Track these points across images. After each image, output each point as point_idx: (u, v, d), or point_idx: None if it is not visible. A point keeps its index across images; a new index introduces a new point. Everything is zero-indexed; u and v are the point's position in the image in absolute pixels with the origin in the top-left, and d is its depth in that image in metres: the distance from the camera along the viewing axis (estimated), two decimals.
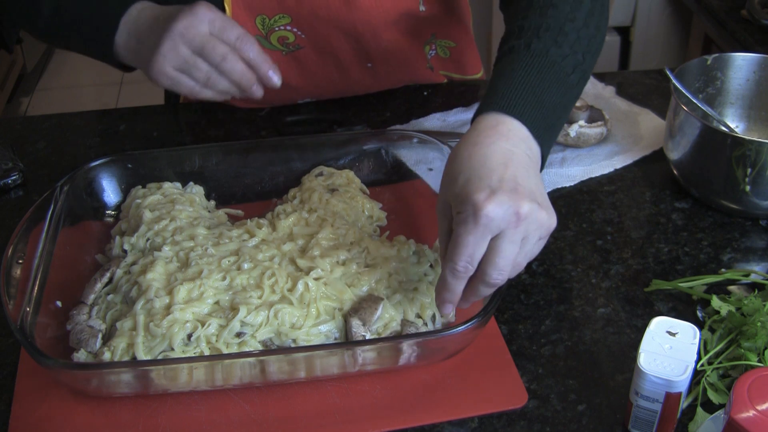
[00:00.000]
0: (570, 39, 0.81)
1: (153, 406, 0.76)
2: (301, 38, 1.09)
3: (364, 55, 1.14)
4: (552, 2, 0.83)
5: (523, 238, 0.70)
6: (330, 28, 1.08)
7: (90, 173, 0.94)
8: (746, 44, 1.85)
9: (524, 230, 0.70)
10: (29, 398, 0.77)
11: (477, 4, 1.25)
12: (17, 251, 0.81)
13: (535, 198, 0.70)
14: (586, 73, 0.83)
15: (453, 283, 0.71)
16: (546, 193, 0.74)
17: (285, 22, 1.07)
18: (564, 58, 0.80)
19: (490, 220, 0.68)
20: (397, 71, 1.20)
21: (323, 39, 1.10)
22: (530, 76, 0.78)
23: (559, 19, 0.81)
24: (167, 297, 0.79)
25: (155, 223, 0.89)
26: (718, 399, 0.75)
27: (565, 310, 0.87)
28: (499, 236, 0.69)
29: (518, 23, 0.83)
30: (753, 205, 0.97)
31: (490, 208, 0.68)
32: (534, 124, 0.76)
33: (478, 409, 0.76)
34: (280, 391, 0.78)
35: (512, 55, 0.80)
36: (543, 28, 0.80)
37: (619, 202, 1.03)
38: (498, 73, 0.80)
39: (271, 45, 1.09)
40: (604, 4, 0.87)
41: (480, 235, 0.69)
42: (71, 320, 0.81)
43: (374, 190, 1.01)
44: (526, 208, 0.69)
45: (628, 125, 1.16)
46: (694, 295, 0.87)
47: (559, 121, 0.80)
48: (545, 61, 0.79)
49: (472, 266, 0.70)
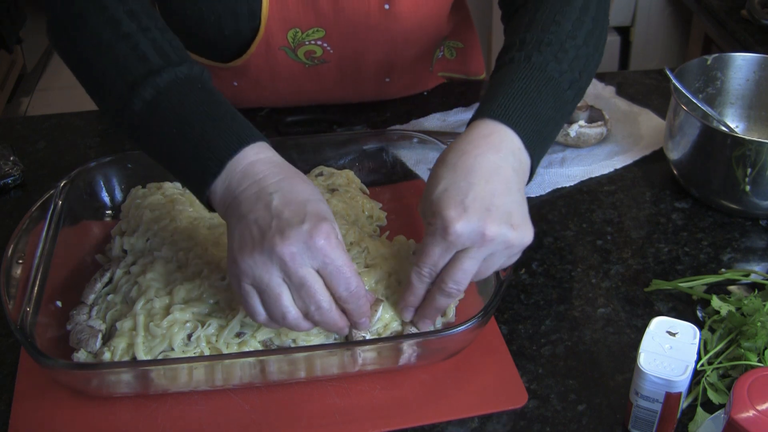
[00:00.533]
0: (569, 56, 0.82)
1: (153, 406, 0.76)
2: (329, 53, 1.09)
3: (388, 68, 1.14)
4: (555, 19, 0.84)
5: (490, 255, 0.73)
6: (364, 40, 1.08)
7: (90, 173, 0.94)
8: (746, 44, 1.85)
9: (489, 250, 0.72)
10: (29, 398, 0.77)
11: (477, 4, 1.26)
12: (17, 251, 0.81)
13: (509, 218, 0.72)
14: (582, 90, 0.85)
15: (417, 286, 0.75)
16: (525, 209, 0.75)
17: (318, 36, 1.07)
18: (562, 74, 0.81)
19: (457, 237, 0.71)
20: (407, 83, 1.21)
21: (352, 53, 1.10)
22: (528, 87, 0.79)
23: (560, 35, 0.82)
24: (167, 297, 0.79)
25: (155, 223, 0.89)
26: (718, 399, 0.75)
27: (565, 310, 0.87)
28: (464, 252, 0.72)
29: (520, 36, 0.84)
30: (753, 205, 0.97)
31: (458, 226, 0.71)
32: (528, 135, 0.77)
33: (478, 409, 0.76)
34: (280, 391, 0.78)
35: (512, 66, 0.81)
36: (544, 43, 0.82)
37: (619, 202, 1.03)
38: (497, 81, 0.81)
39: (296, 57, 1.09)
40: (604, 26, 0.88)
41: (446, 248, 0.72)
42: (71, 320, 0.81)
43: (374, 190, 1.01)
44: (493, 230, 0.71)
45: (628, 125, 1.16)
46: (694, 295, 0.87)
47: (551, 135, 0.81)
48: (544, 75, 0.80)
49: (434, 272, 0.74)
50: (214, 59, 1.09)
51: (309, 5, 1.04)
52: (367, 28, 1.06)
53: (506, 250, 0.73)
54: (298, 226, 0.68)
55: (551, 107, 0.79)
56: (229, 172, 0.72)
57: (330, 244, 0.68)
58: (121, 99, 0.76)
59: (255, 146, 0.73)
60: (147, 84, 0.75)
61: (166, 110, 0.74)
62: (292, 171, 0.73)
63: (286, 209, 0.69)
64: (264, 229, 0.68)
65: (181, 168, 0.75)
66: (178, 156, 0.74)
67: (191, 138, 0.73)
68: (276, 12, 1.03)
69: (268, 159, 0.73)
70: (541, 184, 1.05)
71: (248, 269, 0.68)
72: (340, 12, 1.04)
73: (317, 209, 0.70)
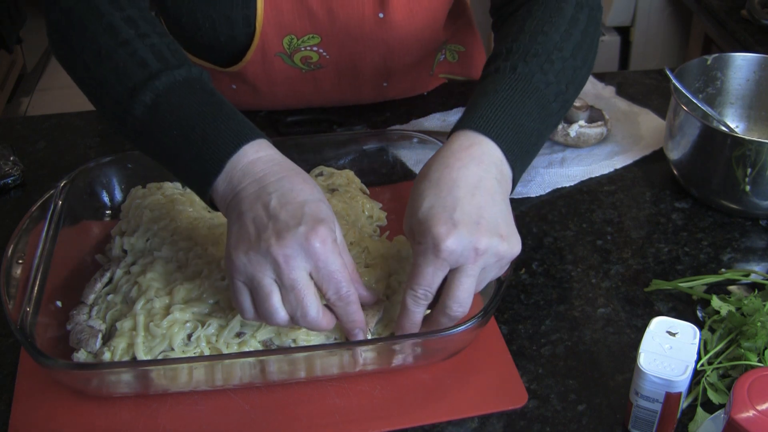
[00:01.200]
0: (556, 68, 0.81)
1: (153, 406, 0.76)
2: (325, 59, 1.09)
3: (385, 73, 1.14)
4: (543, 29, 0.83)
5: (483, 269, 0.72)
6: (360, 47, 1.08)
7: (90, 173, 0.94)
8: (746, 44, 1.85)
9: (483, 263, 0.71)
10: (29, 398, 0.77)
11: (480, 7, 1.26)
12: (17, 251, 0.81)
13: (498, 230, 0.72)
14: (567, 103, 0.84)
15: (413, 310, 0.73)
16: (511, 219, 0.75)
17: (313, 43, 1.07)
18: (548, 86, 0.80)
19: (449, 254, 0.70)
20: (406, 87, 1.20)
21: (348, 59, 1.10)
22: (512, 98, 0.78)
23: (547, 46, 0.82)
24: (167, 297, 0.79)
25: (155, 223, 0.89)
26: (718, 399, 0.75)
27: (565, 310, 0.87)
28: (459, 270, 0.71)
29: (507, 45, 0.83)
30: (753, 205, 0.97)
31: (449, 242, 0.70)
32: (509, 147, 0.76)
33: (478, 409, 0.76)
34: (280, 391, 0.78)
35: (497, 75, 0.81)
36: (531, 54, 0.81)
37: (619, 202, 1.03)
38: (480, 91, 0.80)
39: (292, 63, 1.09)
40: (594, 40, 0.88)
41: (439, 266, 0.71)
42: (71, 320, 0.81)
43: (374, 190, 1.01)
44: (485, 243, 0.70)
45: (628, 125, 1.16)
46: (694, 295, 0.87)
47: (535, 147, 0.80)
48: (529, 86, 0.79)
49: (431, 293, 0.73)
50: (212, 63, 1.09)
51: (304, 12, 1.04)
52: (362, 35, 1.06)
53: (497, 262, 0.73)
54: (295, 229, 0.68)
55: (535, 119, 0.79)
56: (230, 171, 0.72)
57: (325, 247, 0.68)
58: (121, 105, 0.76)
59: (255, 144, 0.73)
60: (146, 88, 0.75)
61: (166, 113, 0.74)
62: (293, 169, 0.73)
63: (284, 210, 0.69)
64: (261, 228, 0.69)
65: (183, 169, 0.75)
66: (180, 157, 0.74)
67: (191, 138, 0.73)
68: (271, 18, 1.03)
69: (269, 157, 0.73)
70: (541, 184, 1.05)
71: (242, 267, 0.69)
72: (335, 19, 1.04)
73: (316, 211, 0.70)
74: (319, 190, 0.73)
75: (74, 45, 0.80)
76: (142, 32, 0.79)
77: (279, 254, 0.67)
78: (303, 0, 1.03)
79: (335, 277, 0.69)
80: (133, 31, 0.78)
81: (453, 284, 0.72)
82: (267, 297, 0.69)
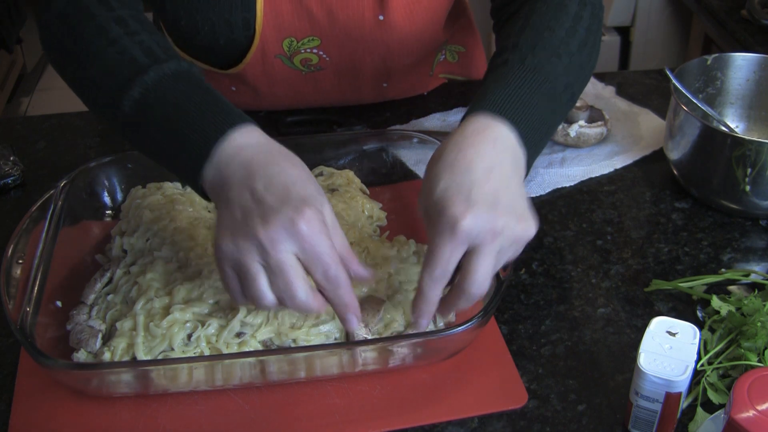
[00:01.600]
0: (563, 62, 0.81)
1: (153, 406, 0.76)
2: (325, 61, 1.09)
3: (385, 74, 1.14)
4: (549, 25, 0.83)
5: (498, 251, 0.71)
6: (360, 48, 1.08)
7: (90, 173, 0.94)
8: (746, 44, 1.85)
9: (499, 244, 0.70)
10: (29, 398, 0.77)
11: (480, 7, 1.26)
12: (17, 251, 0.81)
13: (514, 211, 0.71)
14: (574, 97, 0.84)
15: (429, 292, 0.72)
16: (527, 202, 0.74)
17: (313, 45, 1.07)
18: (557, 77, 0.80)
19: (467, 234, 0.69)
20: (406, 87, 1.20)
21: (348, 61, 1.10)
22: (523, 87, 0.78)
23: (554, 41, 0.82)
24: (167, 297, 0.79)
25: (155, 223, 0.89)
26: (718, 399, 0.75)
27: (565, 310, 0.87)
28: (476, 251, 0.70)
29: (513, 40, 0.83)
30: (753, 205, 0.97)
31: (467, 221, 0.69)
32: (523, 131, 0.76)
33: (478, 409, 0.76)
34: (280, 391, 0.78)
35: (505, 67, 0.80)
36: (539, 47, 0.81)
37: (619, 202, 1.03)
38: (491, 80, 0.80)
39: (292, 65, 1.09)
40: (596, 37, 0.88)
41: (456, 246, 0.70)
42: (71, 320, 0.81)
43: (374, 190, 1.01)
44: (502, 223, 0.70)
45: (628, 125, 1.16)
46: (694, 295, 0.87)
47: (546, 136, 0.80)
48: (539, 77, 0.79)
49: (448, 274, 0.71)
50: (211, 65, 1.09)
51: (303, 15, 1.04)
52: (362, 36, 1.06)
53: (513, 244, 0.72)
54: (281, 212, 0.67)
55: (546, 108, 0.78)
56: (217, 157, 0.71)
57: (312, 229, 0.67)
58: (112, 102, 0.76)
59: (242, 129, 0.72)
60: (135, 83, 0.75)
61: (155, 105, 0.74)
62: (281, 153, 0.73)
63: (270, 193, 0.68)
64: (247, 214, 0.68)
65: (173, 160, 0.75)
66: (169, 148, 0.74)
67: (179, 128, 0.73)
68: (270, 21, 1.03)
69: (257, 142, 0.72)
70: (541, 184, 1.05)
71: (229, 252, 0.68)
72: (335, 21, 1.04)
73: (303, 193, 0.69)
74: (307, 171, 0.72)
75: (66, 47, 0.81)
76: (132, 30, 0.79)
77: (264, 238, 0.66)
78: (303, 2, 1.03)
79: (323, 259, 0.68)
80: (123, 30, 0.79)
81: (470, 265, 0.70)
82: (253, 281, 0.68)
